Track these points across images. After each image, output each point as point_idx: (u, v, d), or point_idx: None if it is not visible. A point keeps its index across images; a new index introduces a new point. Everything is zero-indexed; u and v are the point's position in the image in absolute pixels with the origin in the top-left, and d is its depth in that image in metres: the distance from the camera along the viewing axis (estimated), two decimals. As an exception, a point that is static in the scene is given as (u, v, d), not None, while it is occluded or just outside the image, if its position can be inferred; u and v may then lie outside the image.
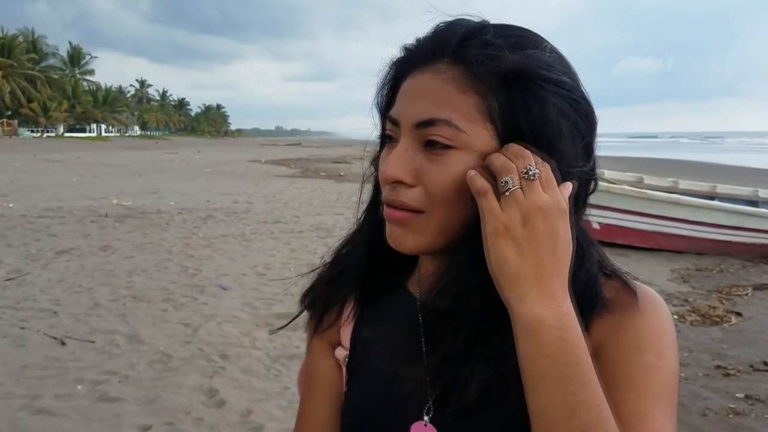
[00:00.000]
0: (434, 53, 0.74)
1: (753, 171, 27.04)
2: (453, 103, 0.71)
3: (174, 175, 22.69)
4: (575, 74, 0.75)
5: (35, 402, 3.79)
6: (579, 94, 0.73)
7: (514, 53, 0.70)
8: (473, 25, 0.74)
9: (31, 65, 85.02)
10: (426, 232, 0.74)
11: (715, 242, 9.03)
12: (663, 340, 0.73)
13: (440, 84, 0.72)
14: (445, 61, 0.72)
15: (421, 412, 0.78)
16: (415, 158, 0.73)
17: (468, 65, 0.71)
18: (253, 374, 4.28)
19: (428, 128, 0.72)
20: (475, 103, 0.71)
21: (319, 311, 0.92)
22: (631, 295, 0.75)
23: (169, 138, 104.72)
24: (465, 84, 0.71)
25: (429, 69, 0.73)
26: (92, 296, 6.02)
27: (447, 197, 0.72)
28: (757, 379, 4.45)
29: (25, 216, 10.95)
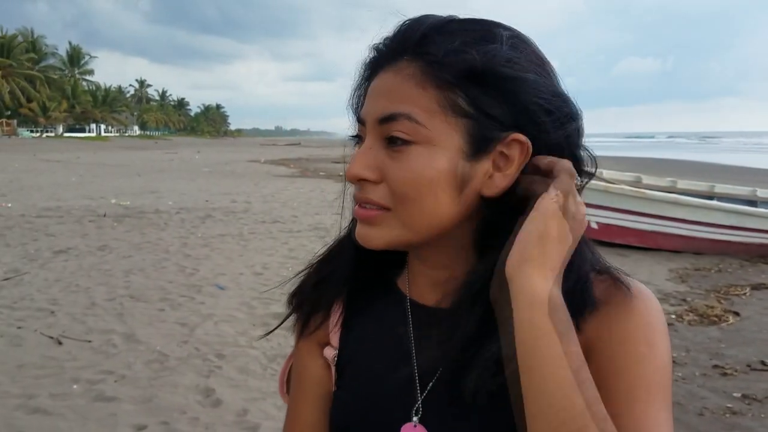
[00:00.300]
0: (397, 51, 0.74)
1: (752, 171, 27.03)
2: (413, 98, 0.71)
3: (173, 174, 22.69)
4: (543, 66, 0.74)
5: (31, 401, 3.78)
6: (546, 87, 0.72)
7: (473, 49, 0.70)
8: (435, 21, 0.73)
9: (31, 65, 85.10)
10: (391, 228, 0.74)
11: (714, 242, 9.03)
12: (654, 333, 0.72)
13: (401, 80, 0.72)
14: (406, 59, 0.72)
15: (410, 412, 0.78)
16: (379, 155, 0.73)
17: (428, 61, 0.71)
18: (249, 374, 4.27)
19: (389, 124, 0.72)
20: (435, 98, 0.70)
21: (306, 313, 0.91)
22: (623, 290, 0.74)
23: (168, 138, 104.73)
24: (425, 79, 0.71)
25: (392, 67, 0.73)
26: (89, 296, 6.02)
27: (410, 194, 0.72)
28: (755, 378, 4.44)
29: (24, 216, 10.94)
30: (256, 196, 15.07)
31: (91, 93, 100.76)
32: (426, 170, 0.71)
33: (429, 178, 0.71)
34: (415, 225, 0.73)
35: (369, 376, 0.84)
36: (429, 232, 0.74)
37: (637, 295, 0.74)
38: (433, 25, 0.73)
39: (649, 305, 0.74)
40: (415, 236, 0.74)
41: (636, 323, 0.72)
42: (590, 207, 9.33)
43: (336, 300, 0.90)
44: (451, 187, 0.72)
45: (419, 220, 0.73)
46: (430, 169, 0.71)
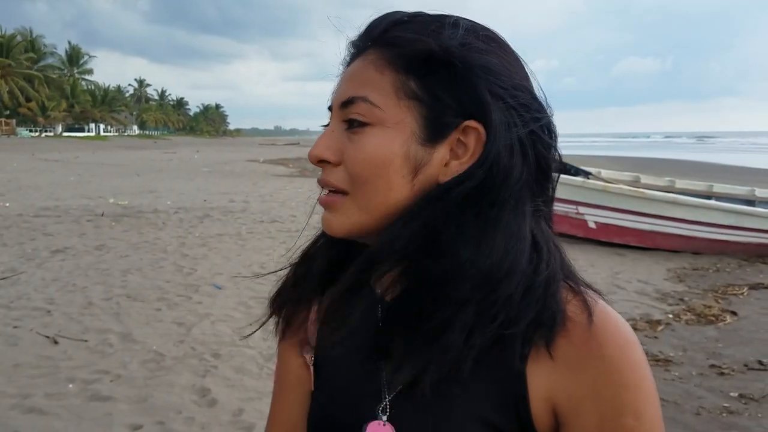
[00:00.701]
0: (364, 42, 0.78)
1: (751, 171, 27.04)
2: (371, 82, 0.74)
3: (172, 174, 22.67)
4: (506, 55, 0.75)
5: (26, 401, 3.77)
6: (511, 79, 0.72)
7: (430, 35, 0.72)
8: (401, 14, 0.76)
9: (30, 65, 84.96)
10: (350, 213, 0.76)
11: (712, 242, 9.02)
12: (641, 395, 0.69)
13: (363, 66, 0.75)
14: (371, 48, 0.76)
15: (378, 411, 0.77)
16: (340, 138, 0.76)
17: (387, 47, 0.74)
18: (245, 373, 4.26)
19: (349, 107, 0.75)
20: (391, 81, 0.73)
21: (287, 314, 0.91)
22: (602, 334, 0.70)
23: (167, 138, 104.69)
24: (383, 64, 0.74)
25: (359, 57, 0.77)
26: (86, 295, 6.01)
27: (364, 174, 0.73)
28: (752, 378, 4.44)
29: (21, 215, 10.93)
30: (255, 196, 15.06)
31: (90, 93, 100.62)
32: (379, 150, 0.72)
33: (382, 159, 0.72)
34: (369, 207, 0.74)
35: (340, 375, 0.83)
36: (384, 215, 0.74)
37: (617, 343, 0.70)
38: (399, 16, 0.76)
39: (631, 355, 0.70)
40: (371, 219, 0.75)
41: (622, 388, 0.68)
42: (588, 206, 9.40)
43: (314, 299, 0.89)
44: (404, 170, 0.72)
45: (374, 201, 0.74)
46: (383, 149, 0.72)
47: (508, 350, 0.71)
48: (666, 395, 4.09)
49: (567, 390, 0.69)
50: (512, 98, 0.71)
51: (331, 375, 0.85)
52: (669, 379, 4.39)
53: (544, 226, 0.77)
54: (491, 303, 0.69)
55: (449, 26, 0.73)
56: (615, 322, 0.71)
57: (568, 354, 0.70)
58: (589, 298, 0.72)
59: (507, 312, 0.69)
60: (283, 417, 0.93)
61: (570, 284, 0.74)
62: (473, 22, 0.76)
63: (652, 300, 6.46)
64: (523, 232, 0.72)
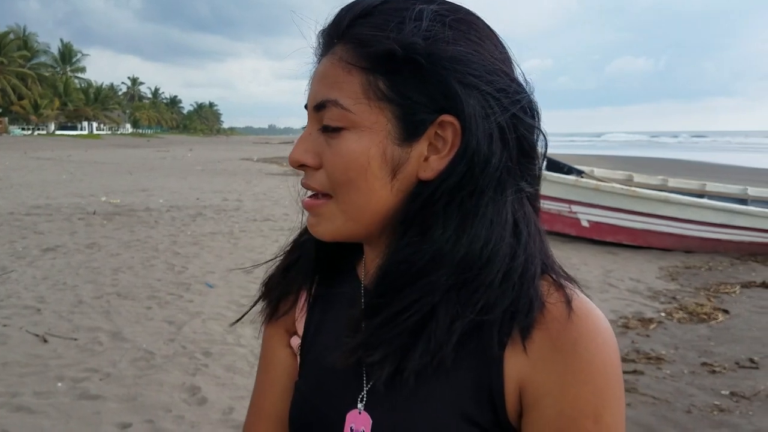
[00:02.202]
0: (331, 36, 0.75)
1: (743, 170, 27.13)
2: (340, 83, 0.71)
3: (165, 173, 22.59)
4: (481, 41, 0.72)
5: (14, 399, 3.74)
6: (486, 65, 0.70)
7: (391, 30, 0.69)
8: (367, 4, 0.72)
9: (22, 62, 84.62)
10: (335, 218, 0.75)
11: (704, 240, 9.05)
12: (604, 399, 0.68)
13: (332, 65, 0.73)
14: (339, 43, 0.73)
15: (357, 400, 0.77)
16: (318, 141, 0.74)
17: (353, 44, 0.71)
18: (236, 372, 4.24)
19: (322, 111, 0.73)
20: (359, 82, 0.70)
21: (275, 299, 0.91)
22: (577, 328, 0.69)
23: (160, 136, 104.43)
24: (350, 64, 0.71)
25: (328, 53, 0.74)
26: (76, 294, 5.97)
27: (343, 178, 0.72)
28: (743, 376, 4.44)
29: (12, 213, 10.87)
30: (248, 195, 15.02)
31: (83, 91, 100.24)
32: (355, 155, 0.71)
33: (359, 163, 0.71)
34: (352, 211, 0.73)
35: (323, 365, 0.82)
36: (370, 221, 0.74)
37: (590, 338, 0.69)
38: (363, 7, 0.72)
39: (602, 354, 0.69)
40: (358, 226, 0.75)
41: (586, 389, 0.68)
42: (581, 205, 9.41)
43: (303, 287, 0.89)
44: (383, 172, 0.71)
45: (357, 206, 0.73)
46: (359, 154, 0.71)
47: (486, 337, 0.71)
48: (657, 393, 4.09)
49: (535, 379, 0.69)
50: (487, 84, 0.70)
51: (316, 364, 0.85)
52: (660, 377, 4.39)
53: (527, 207, 0.75)
54: (472, 290, 0.69)
55: (412, 19, 0.69)
56: (594, 320, 0.70)
57: (543, 345, 0.69)
58: (570, 292, 0.72)
59: (486, 298, 0.69)
60: (265, 408, 0.92)
61: (552, 277, 0.73)
62: (440, 6, 0.72)
63: (645, 298, 6.47)
64: (503, 217, 0.71)
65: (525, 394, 0.70)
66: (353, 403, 0.77)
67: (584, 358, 0.68)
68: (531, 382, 0.69)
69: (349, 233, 0.76)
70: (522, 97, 0.72)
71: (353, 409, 0.77)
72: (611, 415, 0.68)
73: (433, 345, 0.69)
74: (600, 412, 0.68)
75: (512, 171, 0.72)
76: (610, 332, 0.71)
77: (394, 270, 0.72)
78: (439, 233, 0.70)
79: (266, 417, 0.92)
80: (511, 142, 0.71)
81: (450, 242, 0.70)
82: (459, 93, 0.68)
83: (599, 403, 0.68)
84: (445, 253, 0.70)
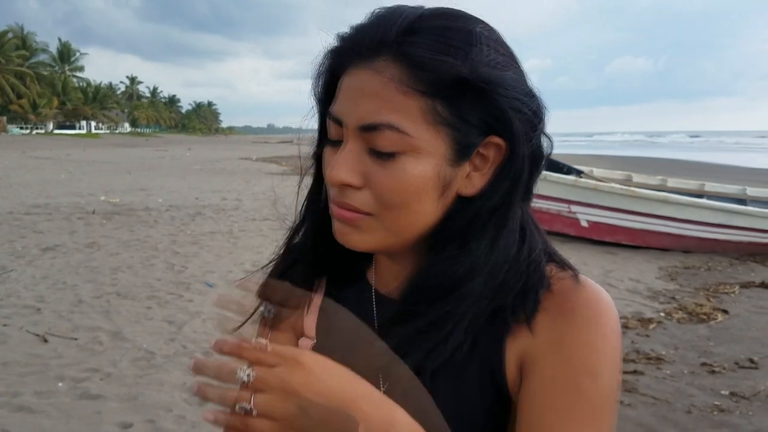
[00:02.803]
0: (373, 48, 0.71)
1: (742, 170, 27.15)
2: (396, 105, 0.69)
3: (163, 172, 22.58)
4: (516, 63, 0.75)
5: (15, 399, 3.74)
6: (523, 88, 0.73)
7: (455, 54, 0.69)
8: (411, 15, 0.71)
9: (21, 62, 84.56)
10: (374, 233, 0.75)
11: (703, 240, 9.05)
12: (602, 358, 0.71)
13: (382, 84, 0.70)
14: (384, 58, 0.70)
15: None
16: (362, 160, 0.72)
17: (409, 65, 0.69)
18: (236, 371, 4.24)
19: (373, 133, 0.71)
20: (418, 106, 0.69)
21: (274, 304, 0.90)
22: (578, 296, 0.74)
23: (159, 135, 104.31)
24: (407, 85, 0.69)
25: (369, 66, 0.71)
26: (76, 293, 5.97)
27: (396, 201, 0.72)
28: (742, 376, 4.45)
29: (12, 213, 10.86)
30: (247, 194, 15.02)
31: (82, 90, 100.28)
32: (412, 179, 0.71)
33: (415, 186, 0.71)
34: (398, 229, 0.75)
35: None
36: (412, 236, 0.76)
37: (592, 308, 0.73)
38: (411, 21, 0.71)
39: (603, 322, 0.72)
40: (398, 240, 0.76)
41: (583, 348, 0.71)
42: (581, 205, 9.41)
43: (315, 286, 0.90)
44: (435, 192, 0.73)
45: (403, 225, 0.74)
46: (417, 177, 0.71)
47: (496, 324, 0.74)
48: (657, 393, 4.10)
49: (535, 345, 0.73)
50: (527, 107, 0.72)
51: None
52: (660, 377, 4.39)
53: (528, 211, 0.81)
54: (493, 291, 0.74)
55: (472, 44, 0.70)
56: (596, 290, 0.75)
57: (545, 317, 0.73)
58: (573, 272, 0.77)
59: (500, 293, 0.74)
60: None
61: (555, 262, 0.79)
62: (489, 30, 0.73)
63: (644, 298, 6.47)
64: (516, 221, 0.76)
65: (525, 361, 0.73)
66: None
67: (584, 321, 0.72)
68: (531, 349, 0.73)
69: (385, 246, 0.77)
70: (545, 113, 0.75)
71: None
72: (608, 377, 0.71)
73: (453, 345, 0.72)
74: (597, 371, 0.70)
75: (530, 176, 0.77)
76: (611, 303, 0.75)
77: (431, 283, 0.75)
78: (476, 246, 0.74)
79: None
80: (537, 157, 0.76)
81: (485, 254, 0.74)
82: (511, 117, 0.71)
83: (597, 361, 0.70)
84: (480, 264, 0.73)
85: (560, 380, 0.70)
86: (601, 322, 0.72)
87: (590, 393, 0.69)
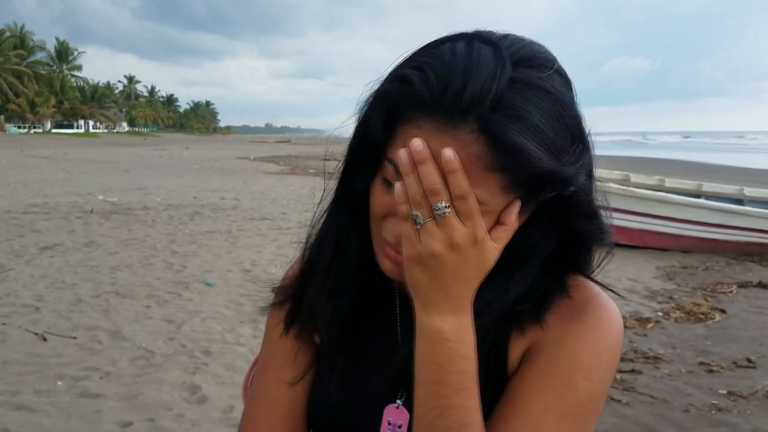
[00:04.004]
0: (458, 114, 0.66)
1: (740, 170, 27.19)
2: (479, 180, 0.67)
3: (161, 171, 22.56)
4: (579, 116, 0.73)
5: (15, 398, 3.74)
6: (588, 154, 0.76)
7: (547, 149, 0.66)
8: (500, 78, 0.66)
9: (19, 61, 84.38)
10: None
11: (701, 240, 9.07)
12: (599, 362, 0.74)
13: (467, 159, 0.66)
14: (470, 129, 0.66)
15: (395, 396, 0.81)
16: None
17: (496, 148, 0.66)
18: (236, 370, 4.25)
19: None
20: (499, 183, 0.68)
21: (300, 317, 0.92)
22: (590, 305, 0.78)
23: (157, 135, 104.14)
24: (492, 165, 0.66)
25: (451, 132, 0.66)
26: (75, 292, 5.97)
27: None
28: (740, 375, 4.47)
29: (10, 212, 10.85)
30: (245, 193, 15.01)
31: (80, 89, 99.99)
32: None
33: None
34: None
35: (356, 362, 0.86)
36: None
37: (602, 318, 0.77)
38: (502, 88, 0.66)
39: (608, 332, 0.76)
40: None
41: (586, 350, 0.75)
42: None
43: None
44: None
45: None
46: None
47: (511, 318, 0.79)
48: (655, 392, 4.11)
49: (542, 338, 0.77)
50: (587, 158, 0.77)
51: (346, 361, 0.87)
52: (658, 376, 4.41)
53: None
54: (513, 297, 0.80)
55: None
56: (605, 301, 0.79)
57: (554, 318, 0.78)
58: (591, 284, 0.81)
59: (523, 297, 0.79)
60: (278, 401, 0.91)
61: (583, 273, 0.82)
62: (568, 80, 0.74)
63: (642, 298, 6.49)
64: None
65: (529, 351, 0.77)
66: (390, 397, 0.82)
67: (588, 323, 0.76)
68: (538, 341, 0.77)
69: None
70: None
71: (391, 404, 0.81)
72: (601, 379, 0.74)
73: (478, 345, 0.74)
74: (591, 371, 0.73)
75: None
76: (618, 316, 0.78)
77: None
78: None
79: (270, 408, 0.91)
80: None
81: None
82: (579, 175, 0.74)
83: (593, 362, 0.74)
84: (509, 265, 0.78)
85: (555, 370, 0.73)
86: (607, 330, 0.76)
87: (580, 390, 0.72)
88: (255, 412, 0.92)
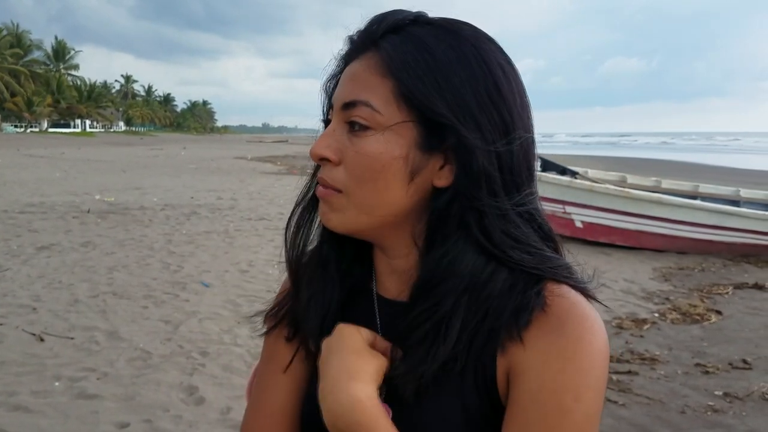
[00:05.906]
0: (365, 43, 0.79)
1: (736, 171, 27.25)
2: (373, 86, 0.76)
3: (158, 171, 22.54)
4: (495, 65, 0.77)
5: (11, 399, 3.74)
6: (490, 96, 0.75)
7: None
8: (402, 17, 0.78)
9: (15, 60, 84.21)
10: (346, 211, 0.79)
11: (697, 241, 9.09)
12: (587, 379, 0.71)
13: (365, 68, 0.77)
14: (372, 50, 0.78)
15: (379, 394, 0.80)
16: (341, 138, 0.78)
17: (389, 54, 0.76)
18: (233, 371, 4.25)
19: (351, 110, 0.77)
20: (391, 87, 0.75)
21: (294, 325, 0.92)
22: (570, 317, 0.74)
23: (154, 134, 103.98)
24: (385, 70, 0.75)
25: (360, 57, 0.79)
26: (72, 292, 5.97)
27: (362, 176, 0.76)
28: (736, 376, 4.48)
29: (6, 211, 10.83)
30: (243, 193, 15.01)
31: (77, 88, 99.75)
32: (380, 155, 0.75)
33: (381, 163, 0.75)
34: (366, 207, 0.78)
35: None
36: (381, 215, 0.78)
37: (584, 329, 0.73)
38: (401, 21, 0.78)
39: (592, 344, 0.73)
40: (369, 220, 0.79)
41: (571, 368, 0.71)
42: (575, 206, 9.44)
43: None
44: (402, 174, 0.76)
45: (370, 201, 0.77)
46: (382, 153, 0.75)
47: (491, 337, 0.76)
48: (651, 393, 4.13)
49: (523, 357, 0.73)
50: (494, 116, 0.77)
51: None
52: (654, 377, 4.42)
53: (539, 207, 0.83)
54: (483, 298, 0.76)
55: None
56: (585, 310, 0.75)
57: (536, 333, 0.74)
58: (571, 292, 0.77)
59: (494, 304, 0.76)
60: (277, 403, 0.92)
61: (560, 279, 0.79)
62: (475, 30, 0.79)
63: (638, 299, 6.51)
64: (501, 225, 0.77)
65: (513, 372, 0.74)
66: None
67: (571, 339, 0.72)
68: (520, 361, 0.74)
69: (359, 227, 0.80)
70: (518, 120, 0.79)
71: None
72: (591, 398, 0.71)
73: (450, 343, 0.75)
74: (581, 391, 0.71)
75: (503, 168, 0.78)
76: (600, 324, 0.75)
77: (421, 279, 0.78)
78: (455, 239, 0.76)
79: (269, 413, 0.92)
80: (505, 160, 0.77)
81: (462, 249, 0.77)
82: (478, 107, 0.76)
83: (581, 381, 0.71)
84: (459, 259, 0.76)
85: (543, 397, 0.71)
86: (591, 342, 0.72)
87: (572, 413, 0.70)
88: (254, 418, 0.94)
